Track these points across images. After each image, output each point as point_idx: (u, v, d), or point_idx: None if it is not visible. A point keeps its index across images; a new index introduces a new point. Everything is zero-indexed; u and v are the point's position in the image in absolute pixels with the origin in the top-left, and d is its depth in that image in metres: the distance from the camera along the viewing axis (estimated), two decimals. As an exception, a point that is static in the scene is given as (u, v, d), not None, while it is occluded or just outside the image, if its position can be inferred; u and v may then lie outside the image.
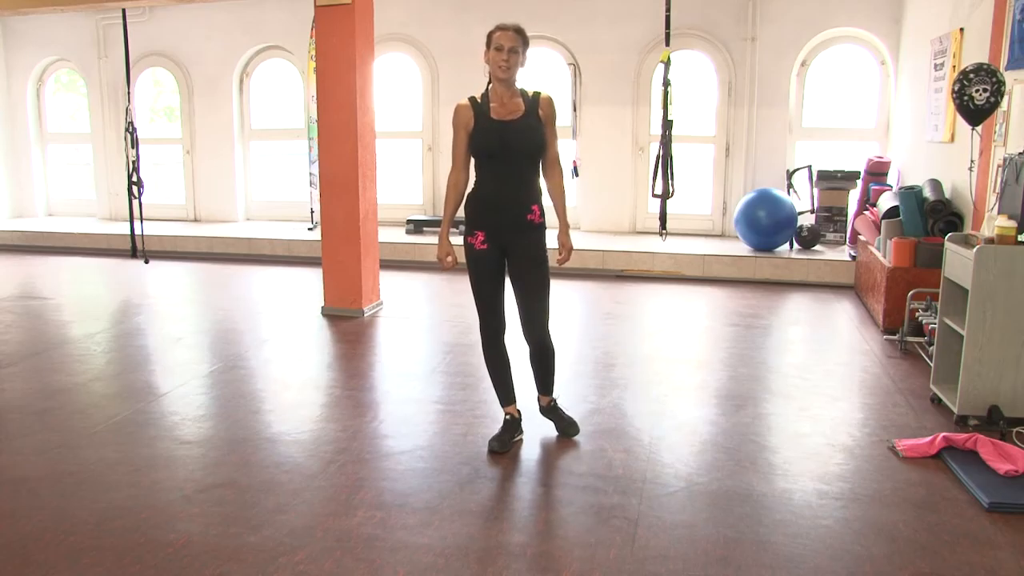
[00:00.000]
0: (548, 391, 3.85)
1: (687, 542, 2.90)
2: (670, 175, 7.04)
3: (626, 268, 7.83)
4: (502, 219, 3.55)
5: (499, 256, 3.62)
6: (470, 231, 3.61)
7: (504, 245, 3.58)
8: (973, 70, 4.58)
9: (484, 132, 3.49)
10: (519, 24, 3.50)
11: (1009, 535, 2.96)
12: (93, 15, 9.95)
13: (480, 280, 3.65)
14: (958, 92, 4.61)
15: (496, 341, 3.72)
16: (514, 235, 3.56)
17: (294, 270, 8.15)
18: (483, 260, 3.61)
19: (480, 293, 3.67)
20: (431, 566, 2.74)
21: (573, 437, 3.81)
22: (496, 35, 3.45)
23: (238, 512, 3.11)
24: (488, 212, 3.56)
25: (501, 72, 3.44)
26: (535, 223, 3.57)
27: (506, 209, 3.54)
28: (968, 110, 4.61)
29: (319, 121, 6.15)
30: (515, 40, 3.43)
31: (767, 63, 8.36)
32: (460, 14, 9.08)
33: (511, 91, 3.51)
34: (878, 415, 4.17)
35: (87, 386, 4.63)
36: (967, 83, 4.57)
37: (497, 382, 3.78)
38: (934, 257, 5.20)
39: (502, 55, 3.42)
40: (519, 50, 3.45)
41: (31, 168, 10.79)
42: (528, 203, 3.54)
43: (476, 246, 3.60)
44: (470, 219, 3.62)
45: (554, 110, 3.56)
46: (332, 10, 5.94)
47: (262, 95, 10.09)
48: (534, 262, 3.59)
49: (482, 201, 3.58)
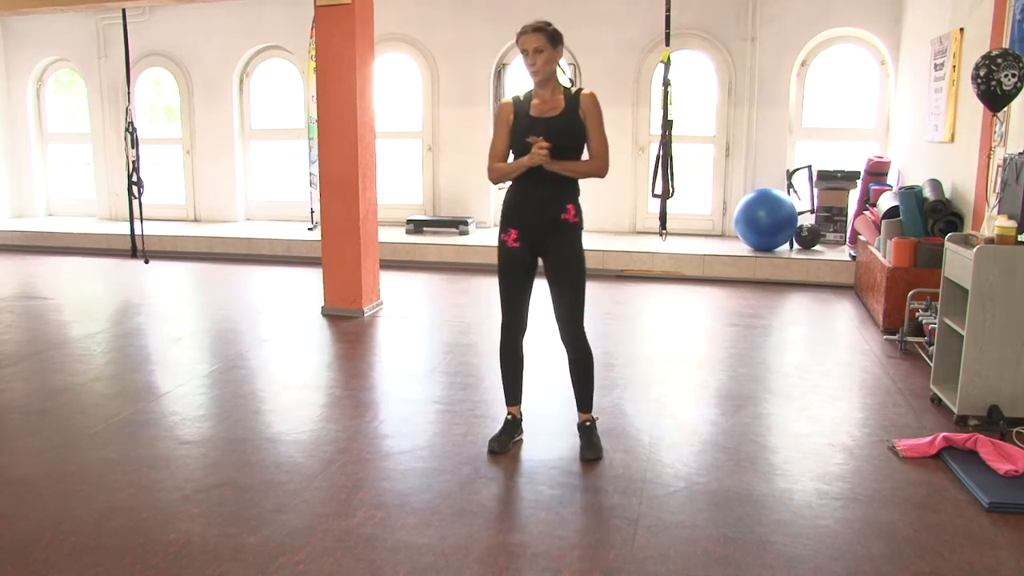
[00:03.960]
0: (586, 407, 3.73)
1: (687, 542, 2.90)
2: (670, 175, 7.04)
3: (626, 268, 7.83)
4: (536, 217, 3.52)
5: (530, 256, 3.58)
6: (504, 228, 3.59)
7: (538, 244, 3.55)
8: (999, 55, 4.50)
9: (523, 129, 3.48)
10: (541, 21, 3.47)
11: (1009, 535, 2.96)
12: (93, 15, 9.95)
13: (507, 278, 3.62)
14: (985, 77, 4.52)
15: (514, 341, 3.70)
16: (548, 234, 3.52)
17: (294, 270, 8.15)
18: (513, 258, 3.59)
19: (506, 291, 3.64)
20: (431, 566, 2.74)
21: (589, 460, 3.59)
22: (520, 40, 3.45)
23: (238, 512, 3.11)
24: (523, 210, 3.54)
25: (533, 75, 3.46)
26: (570, 222, 3.52)
27: (541, 207, 3.51)
28: (995, 95, 4.53)
29: (319, 121, 6.15)
30: (538, 39, 3.42)
31: (767, 63, 8.36)
32: (460, 14, 9.09)
33: (551, 89, 3.50)
34: (878, 415, 4.17)
35: (87, 386, 4.63)
36: (995, 68, 4.49)
37: (506, 381, 3.76)
38: (934, 257, 5.20)
39: (528, 58, 3.43)
40: (546, 48, 3.43)
41: (31, 168, 10.79)
42: (563, 202, 3.50)
43: (508, 244, 3.58)
44: (505, 216, 3.60)
45: (596, 106, 3.49)
46: (332, 10, 5.94)
47: (262, 95, 10.09)
48: (568, 262, 3.55)
49: (517, 198, 3.56)
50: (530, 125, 3.46)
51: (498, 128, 3.58)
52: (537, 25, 3.45)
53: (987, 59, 4.51)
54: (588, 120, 3.49)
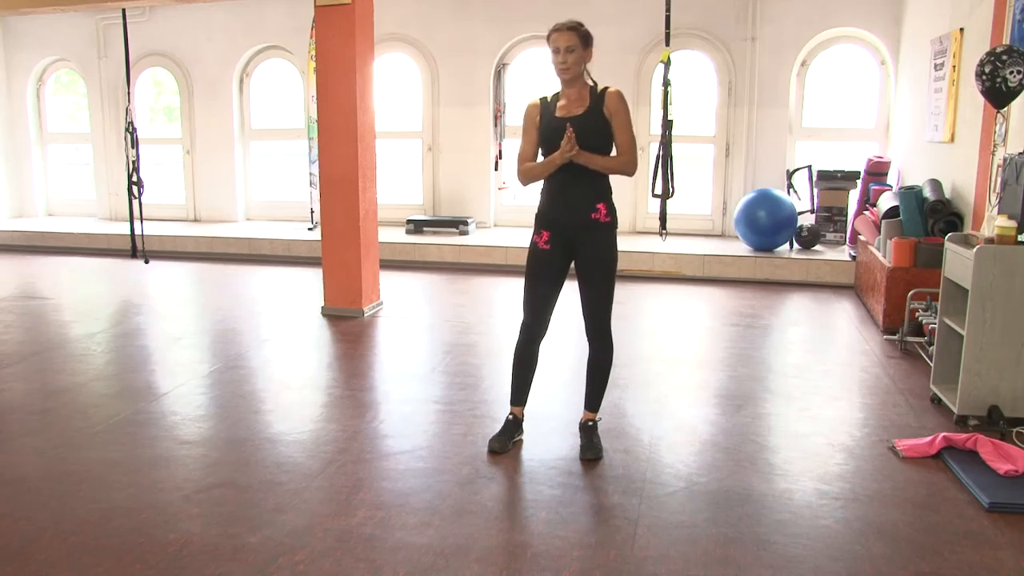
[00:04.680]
0: (593, 407, 3.73)
1: (687, 542, 2.90)
2: (670, 175, 7.04)
3: (626, 268, 7.83)
4: (567, 217, 3.52)
5: (561, 260, 3.58)
6: (537, 230, 3.61)
7: (570, 245, 3.55)
8: (1005, 52, 4.48)
9: (548, 130, 3.48)
10: (574, 21, 3.46)
11: (1009, 535, 2.96)
12: (93, 15, 9.95)
13: (535, 280, 3.62)
14: (990, 74, 4.50)
15: (532, 342, 3.70)
16: (580, 233, 3.53)
17: (294, 270, 8.15)
18: (542, 260, 3.59)
19: (531, 291, 3.64)
20: (431, 566, 2.74)
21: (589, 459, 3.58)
22: (552, 37, 3.44)
23: (238, 512, 3.11)
24: (553, 210, 3.54)
25: (562, 73, 3.45)
26: (600, 222, 3.52)
27: (571, 207, 3.51)
28: (1000, 92, 4.51)
29: (319, 121, 6.15)
30: (571, 39, 3.41)
31: (767, 63, 8.36)
32: (460, 14, 9.09)
33: (578, 88, 3.50)
34: (878, 415, 4.17)
35: (87, 386, 4.63)
36: (1001, 65, 4.47)
37: (516, 380, 3.75)
38: (934, 257, 5.20)
39: (559, 56, 3.42)
40: (577, 47, 3.42)
41: (31, 168, 10.79)
42: (593, 201, 3.50)
43: (540, 245, 3.59)
44: (538, 218, 3.61)
45: (622, 104, 3.49)
46: (332, 10, 5.94)
47: (262, 95, 10.09)
48: (599, 261, 3.55)
49: (548, 199, 3.56)
50: (557, 125, 3.46)
51: (526, 132, 3.59)
52: (571, 24, 3.44)
53: (992, 56, 4.50)
54: (615, 119, 3.49)
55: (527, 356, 3.72)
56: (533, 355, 3.72)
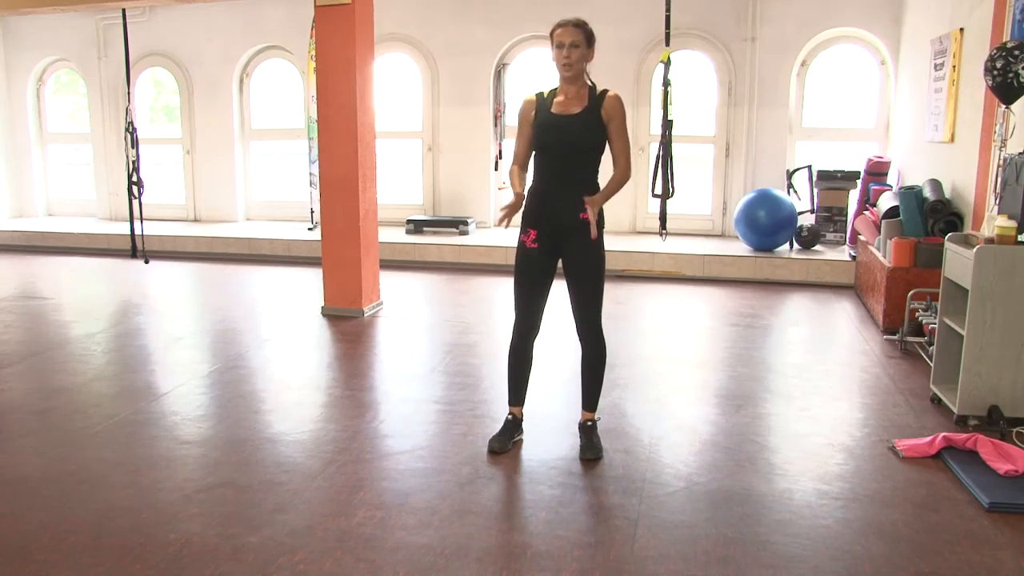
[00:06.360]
0: (591, 406, 3.73)
1: (687, 542, 2.90)
2: (670, 175, 7.04)
3: (626, 268, 7.84)
4: (555, 216, 3.52)
5: (548, 258, 3.58)
6: (524, 229, 3.60)
7: (557, 244, 3.55)
8: (1016, 47, 4.43)
9: (542, 126, 3.48)
10: (580, 19, 3.46)
11: (1009, 535, 2.96)
12: (93, 15, 9.95)
13: (523, 278, 3.63)
14: (1002, 69, 4.44)
15: (525, 342, 3.70)
16: (568, 233, 3.52)
17: (294, 270, 8.15)
18: (530, 260, 3.59)
19: (520, 291, 3.65)
20: (431, 566, 2.74)
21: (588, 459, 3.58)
22: (557, 32, 3.43)
23: (238, 512, 3.11)
24: (542, 208, 3.54)
25: (564, 68, 3.44)
26: (589, 222, 3.50)
27: (559, 206, 3.51)
28: (1011, 88, 4.46)
29: (319, 121, 6.15)
30: (576, 35, 3.41)
31: (767, 63, 8.36)
32: (460, 14, 9.09)
33: (577, 87, 3.50)
34: (878, 415, 4.17)
35: (87, 386, 4.63)
36: (1012, 60, 4.42)
37: (512, 380, 3.76)
38: (934, 257, 5.20)
39: (563, 51, 3.41)
40: (581, 44, 3.42)
41: (31, 168, 10.79)
42: (582, 201, 3.49)
43: (527, 244, 3.59)
44: (525, 216, 3.60)
45: (620, 109, 3.48)
46: (332, 10, 5.94)
47: (262, 95, 10.09)
48: (586, 262, 3.55)
49: (537, 197, 3.56)
50: (550, 122, 3.46)
51: (520, 128, 3.59)
52: (577, 21, 3.44)
53: (1004, 50, 4.45)
54: (612, 123, 3.49)
55: (521, 355, 3.72)
56: (527, 354, 3.72)
